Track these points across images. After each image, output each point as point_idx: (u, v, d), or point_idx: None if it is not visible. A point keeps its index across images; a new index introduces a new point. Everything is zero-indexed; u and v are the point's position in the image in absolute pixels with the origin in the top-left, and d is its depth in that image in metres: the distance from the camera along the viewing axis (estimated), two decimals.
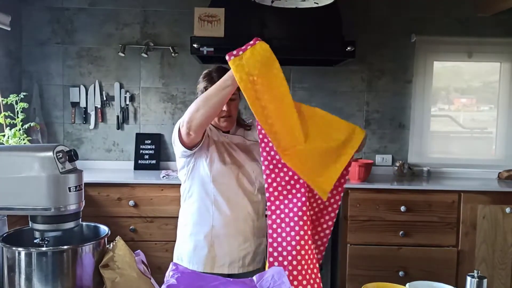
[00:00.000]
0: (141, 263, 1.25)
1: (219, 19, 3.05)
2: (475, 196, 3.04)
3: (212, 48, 3.03)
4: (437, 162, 3.60)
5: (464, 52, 3.58)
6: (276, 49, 3.42)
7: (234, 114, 1.96)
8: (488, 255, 3.05)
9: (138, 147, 3.57)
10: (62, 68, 3.54)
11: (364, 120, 3.63)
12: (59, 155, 1.14)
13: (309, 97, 3.60)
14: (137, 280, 1.18)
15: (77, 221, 1.20)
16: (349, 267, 3.04)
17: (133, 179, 3.17)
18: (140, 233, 3.03)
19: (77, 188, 1.17)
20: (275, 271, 1.33)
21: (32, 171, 1.12)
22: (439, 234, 3.03)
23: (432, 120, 3.64)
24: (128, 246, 1.25)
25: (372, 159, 3.54)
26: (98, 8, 3.52)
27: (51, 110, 3.56)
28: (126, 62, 3.55)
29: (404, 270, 3.03)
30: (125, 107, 3.57)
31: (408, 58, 3.58)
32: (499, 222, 3.04)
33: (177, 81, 3.58)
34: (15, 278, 1.11)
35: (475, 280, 1.19)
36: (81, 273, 1.14)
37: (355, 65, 3.56)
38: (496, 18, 3.50)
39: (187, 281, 1.26)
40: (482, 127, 3.77)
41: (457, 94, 3.75)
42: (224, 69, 1.87)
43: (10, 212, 1.16)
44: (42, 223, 1.16)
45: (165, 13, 3.54)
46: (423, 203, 3.03)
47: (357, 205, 3.02)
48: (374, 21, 3.56)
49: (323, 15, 3.05)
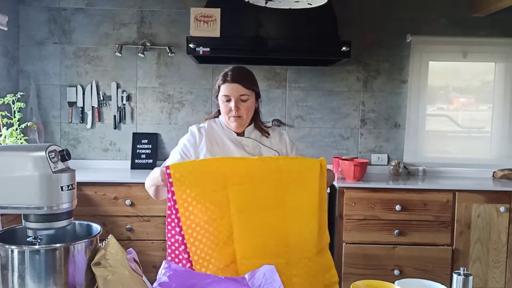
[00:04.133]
0: (133, 261, 1.27)
1: (215, 19, 3.06)
2: (470, 195, 3.05)
3: (208, 48, 3.04)
4: (432, 162, 3.62)
5: (459, 52, 3.59)
6: (272, 49, 3.46)
7: (246, 115, 1.90)
8: (483, 253, 3.07)
9: (135, 146, 3.58)
10: (59, 68, 3.56)
11: (359, 119, 3.65)
12: (51, 154, 1.15)
13: (305, 97, 3.61)
14: (129, 278, 1.20)
15: (70, 220, 1.22)
16: (344, 266, 3.05)
17: (130, 178, 3.19)
18: (137, 232, 3.04)
19: (69, 187, 1.18)
20: (267, 269, 1.34)
21: (25, 171, 1.13)
22: (434, 233, 3.05)
23: (428, 119, 3.66)
24: (125, 245, 1.27)
25: (368, 158, 3.56)
26: (95, 8, 3.54)
27: (48, 109, 3.57)
28: (123, 62, 3.56)
29: (399, 269, 3.05)
30: (122, 107, 3.59)
31: (404, 58, 3.60)
32: (494, 221, 3.06)
33: (174, 80, 3.59)
34: (8, 275, 1.13)
35: (461, 277, 1.21)
36: (73, 271, 1.15)
37: (350, 65, 3.58)
38: (491, 18, 3.52)
39: (179, 279, 1.27)
40: (479, 127, 3.78)
41: (453, 94, 3.76)
42: (240, 69, 1.92)
43: (4, 211, 1.17)
44: (35, 222, 1.17)
45: (161, 13, 3.55)
46: (418, 202, 3.05)
47: (352, 204, 3.04)
48: (370, 21, 3.57)
49: (318, 15, 3.07)
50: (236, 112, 1.88)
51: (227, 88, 1.88)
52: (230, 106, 1.87)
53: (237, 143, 1.92)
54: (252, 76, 1.95)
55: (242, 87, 1.87)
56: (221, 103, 1.92)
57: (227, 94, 1.87)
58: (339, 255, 3.07)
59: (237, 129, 1.93)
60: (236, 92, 1.87)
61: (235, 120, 1.90)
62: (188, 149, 1.89)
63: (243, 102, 1.88)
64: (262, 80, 3.57)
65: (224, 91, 1.88)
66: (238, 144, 1.92)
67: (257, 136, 1.97)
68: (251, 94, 1.90)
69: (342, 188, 3.05)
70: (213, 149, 1.89)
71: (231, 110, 1.87)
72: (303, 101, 3.62)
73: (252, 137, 1.96)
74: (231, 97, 1.87)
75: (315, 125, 3.65)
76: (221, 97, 1.90)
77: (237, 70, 1.91)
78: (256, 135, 1.97)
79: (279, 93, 3.61)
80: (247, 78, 1.91)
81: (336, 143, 3.66)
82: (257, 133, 1.98)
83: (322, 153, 3.62)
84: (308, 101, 3.62)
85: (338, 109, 3.64)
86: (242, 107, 1.88)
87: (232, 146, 1.91)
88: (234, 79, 1.88)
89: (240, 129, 1.94)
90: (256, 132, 1.98)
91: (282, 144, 1.99)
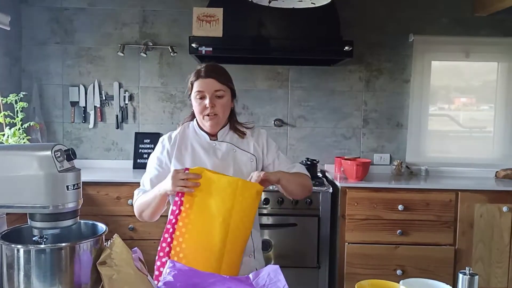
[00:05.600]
0: (138, 260, 1.27)
1: (218, 19, 3.06)
2: (472, 195, 3.05)
3: (211, 48, 3.04)
4: (434, 161, 3.61)
5: (461, 52, 3.59)
6: (274, 48, 3.46)
7: (222, 113, 1.78)
8: (485, 253, 3.07)
9: (137, 146, 3.58)
10: (62, 67, 3.56)
11: (362, 119, 3.65)
12: (57, 154, 1.15)
13: (307, 97, 3.61)
14: (134, 277, 1.20)
15: (75, 219, 1.21)
16: (346, 266, 3.05)
17: (132, 178, 3.19)
18: (139, 232, 3.04)
19: (75, 186, 1.18)
20: (271, 269, 1.35)
21: (31, 170, 1.13)
22: (437, 232, 3.05)
23: (430, 119, 3.66)
24: (127, 245, 1.27)
25: (370, 158, 3.56)
26: (97, 8, 3.54)
27: (50, 109, 3.57)
28: (125, 61, 3.57)
29: (402, 268, 3.05)
30: (124, 107, 3.59)
31: (406, 58, 3.60)
32: (496, 221, 3.05)
33: (176, 80, 3.59)
34: (14, 275, 1.13)
35: (466, 277, 1.20)
36: (79, 270, 1.15)
37: (353, 65, 3.58)
38: (493, 18, 3.52)
39: (183, 278, 1.27)
40: (481, 126, 3.78)
41: (455, 94, 3.76)
42: (214, 64, 1.83)
43: (9, 210, 1.17)
44: (41, 221, 1.17)
45: (164, 13, 3.55)
46: (421, 202, 3.04)
47: (354, 204, 3.04)
48: (372, 21, 3.57)
49: (321, 15, 3.07)
50: (211, 109, 1.75)
51: (200, 84, 1.76)
52: (205, 103, 1.75)
53: (209, 148, 1.80)
54: (226, 73, 1.84)
55: (217, 82, 1.76)
56: (194, 101, 1.79)
57: (201, 89, 1.75)
58: (341, 255, 3.06)
59: (212, 129, 1.80)
60: (210, 87, 1.75)
61: (210, 119, 1.77)
62: (161, 160, 1.81)
63: (218, 98, 1.76)
64: (264, 80, 3.58)
65: (198, 87, 1.76)
66: (210, 150, 1.80)
67: (232, 139, 1.84)
68: (227, 90, 1.79)
69: (345, 188, 3.05)
70: (181, 157, 1.79)
71: (205, 107, 1.75)
72: (305, 101, 3.62)
73: (226, 140, 1.83)
74: (206, 93, 1.75)
75: (317, 125, 3.64)
76: (195, 95, 1.78)
77: (211, 66, 1.81)
78: (232, 137, 1.84)
79: (281, 93, 3.61)
80: (221, 73, 1.80)
81: (338, 142, 3.66)
82: (232, 135, 1.85)
83: (324, 153, 3.62)
84: (310, 101, 3.62)
85: (340, 109, 3.64)
86: (217, 104, 1.76)
87: (203, 153, 1.79)
88: (208, 74, 1.77)
89: (216, 129, 1.81)
90: (232, 134, 1.85)
91: (259, 146, 1.86)
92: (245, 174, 1.73)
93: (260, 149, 1.85)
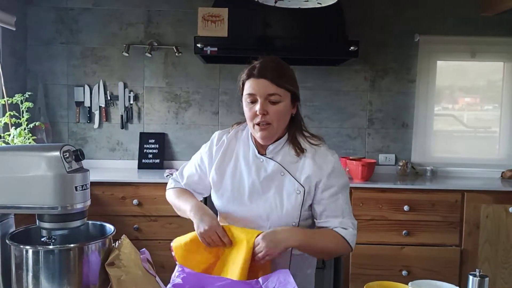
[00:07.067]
0: (146, 261, 1.27)
1: (223, 19, 3.06)
2: (478, 196, 3.04)
3: (216, 48, 3.04)
4: (440, 162, 3.60)
5: (467, 52, 3.57)
6: (279, 48, 3.45)
7: (276, 122, 1.46)
8: (491, 254, 3.05)
9: (142, 146, 3.58)
10: (67, 67, 3.56)
11: (367, 119, 3.64)
12: (65, 154, 1.15)
13: (312, 97, 3.61)
14: (142, 278, 1.20)
15: (84, 220, 1.22)
16: (352, 267, 3.04)
17: (137, 178, 3.20)
18: (144, 232, 3.04)
19: (83, 187, 1.18)
20: (281, 272, 1.34)
21: (39, 171, 1.13)
22: (442, 233, 3.04)
23: (436, 119, 3.64)
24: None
25: (375, 159, 3.55)
26: (102, 8, 3.54)
27: (55, 109, 3.58)
28: (130, 61, 3.57)
29: (407, 269, 3.04)
30: (129, 107, 3.59)
31: (412, 58, 3.58)
32: (502, 222, 3.04)
33: (181, 80, 3.59)
34: (23, 275, 1.13)
35: (477, 279, 1.20)
36: (87, 271, 1.15)
37: (358, 65, 3.57)
38: (500, 17, 3.50)
39: (192, 281, 1.27)
40: (486, 126, 3.76)
41: (461, 93, 3.75)
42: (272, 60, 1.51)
43: (18, 211, 1.17)
44: (49, 222, 1.17)
45: (169, 13, 3.55)
46: (426, 203, 3.03)
47: (360, 204, 3.03)
48: (378, 21, 3.56)
49: (326, 15, 3.06)
50: (262, 117, 1.44)
51: (252, 85, 1.45)
52: (255, 109, 1.44)
53: (253, 164, 1.52)
54: (287, 71, 1.50)
55: (271, 84, 1.43)
56: (245, 105, 1.49)
57: (252, 92, 1.45)
58: (346, 256, 3.06)
59: (264, 141, 1.50)
60: (263, 90, 1.44)
61: (261, 129, 1.46)
62: (203, 161, 1.64)
63: (272, 104, 1.44)
64: None
65: (249, 88, 1.46)
66: (253, 167, 1.52)
67: (285, 157, 1.51)
68: (285, 94, 1.46)
69: (350, 188, 3.03)
70: (222, 167, 1.57)
71: (256, 114, 1.45)
72: (310, 100, 3.61)
73: (277, 159, 1.51)
74: (257, 97, 1.44)
75: (322, 124, 3.64)
76: (245, 97, 1.48)
77: (266, 62, 1.48)
78: (286, 154, 1.51)
79: None
80: (279, 72, 1.47)
81: (343, 143, 3.65)
82: (288, 151, 1.52)
83: None
84: (315, 101, 3.61)
85: (345, 109, 3.63)
86: (271, 111, 1.44)
87: (245, 168, 1.53)
88: (262, 72, 1.45)
89: (268, 141, 1.50)
90: (287, 149, 1.52)
91: (316, 176, 1.50)
92: (284, 206, 1.49)
93: (315, 181, 1.51)
